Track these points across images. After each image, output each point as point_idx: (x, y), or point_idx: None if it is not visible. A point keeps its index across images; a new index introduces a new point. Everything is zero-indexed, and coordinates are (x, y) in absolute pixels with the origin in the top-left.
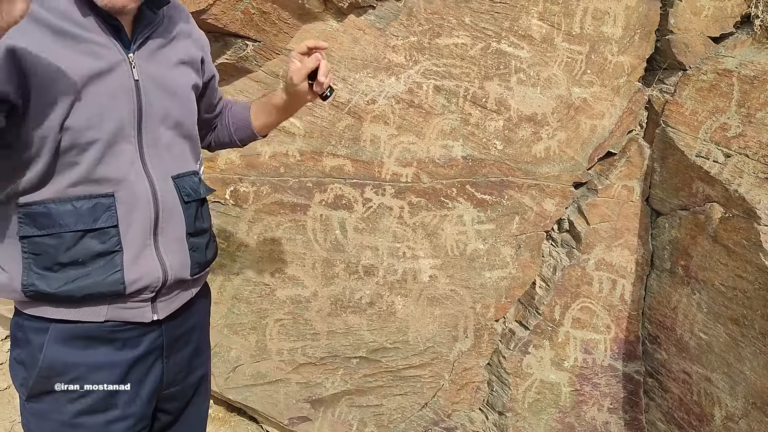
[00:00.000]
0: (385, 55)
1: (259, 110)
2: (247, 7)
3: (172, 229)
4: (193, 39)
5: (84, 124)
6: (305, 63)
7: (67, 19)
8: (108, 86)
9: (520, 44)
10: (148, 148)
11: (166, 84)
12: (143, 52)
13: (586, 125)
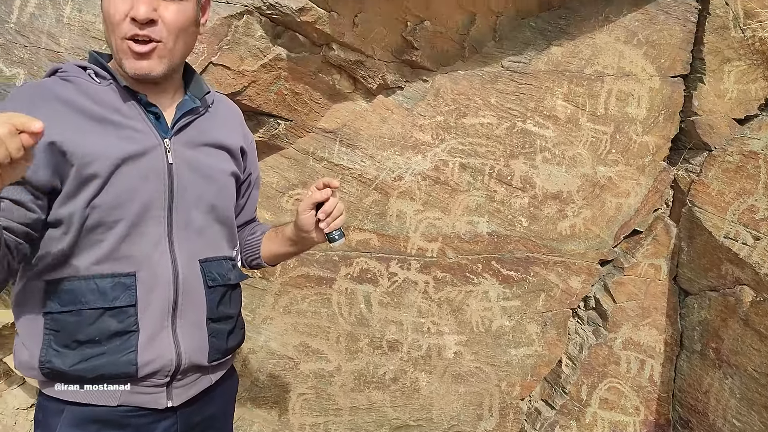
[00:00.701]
0: (412, 134)
1: (271, 236)
2: (281, 88)
3: (192, 312)
4: (236, 132)
5: (112, 203)
6: (313, 194)
7: (108, 107)
8: (140, 168)
9: (545, 124)
10: (178, 229)
11: (202, 168)
12: (181, 138)
13: (612, 203)
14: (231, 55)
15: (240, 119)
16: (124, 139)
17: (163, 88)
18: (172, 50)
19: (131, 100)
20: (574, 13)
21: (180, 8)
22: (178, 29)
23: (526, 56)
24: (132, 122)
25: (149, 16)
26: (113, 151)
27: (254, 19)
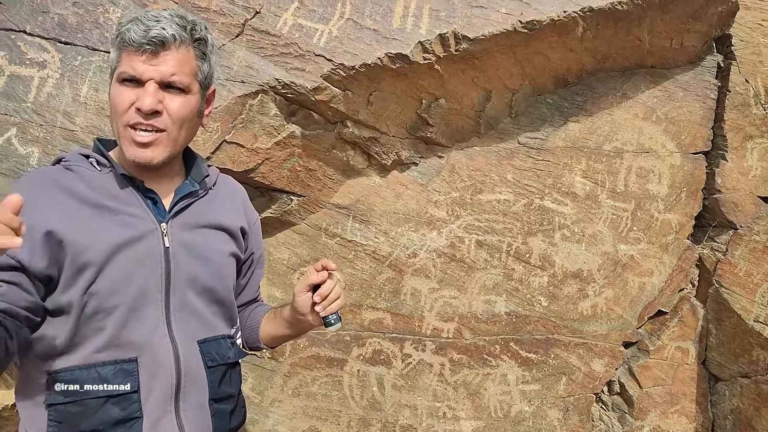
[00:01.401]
0: (427, 210)
1: (270, 318)
2: (294, 165)
3: (195, 394)
4: (237, 212)
5: (109, 289)
6: (310, 276)
7: (106, 194)
8: (136, 253)
9: (563, 201)
10: (175, 312)
11: (199, 250)
12: (178, 221)
13: (635, 283)
14: (245, 133)
15: (242, 199)
16: (120, 225)
17: (163, 174)
18: (175, 139)
19: (129, 186)
20: (591, 90)
21: (185, 101)
22: (181, 120)
23: (543, 132)
24: (128, 208)
25: (154, 108)
26: (108, 237)
27: (269, 98)
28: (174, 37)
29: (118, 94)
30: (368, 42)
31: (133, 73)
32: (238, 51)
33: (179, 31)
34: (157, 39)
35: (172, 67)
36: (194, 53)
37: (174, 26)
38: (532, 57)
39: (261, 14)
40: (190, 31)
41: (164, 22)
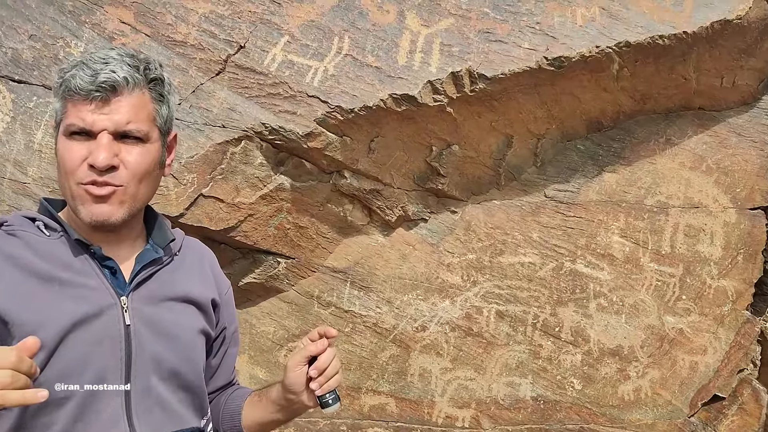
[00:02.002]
0: (439, 275)
1: (254, 401)
2: (282, 221)
3: None
4: (206, 282)
5: (59, 376)
6: (307, 347)
7: (57, 263)
8: (92, 333)
9: (599, 264)
10: (137, 402)
11: (165, 327)
12: (141, 293)
13: (685, 362)
14: (225, 186)
15: (211, 265)
16: (74, 300)
17: (121, 238)
18: (134, 195)
19: (83, 254)
20: (630, 135)
21: (144, 150)
22: (141, 174)
23: (573, 184)
24: (84, 279)
25: (110, 163)
26: (60, 315)
27: (254, 145)
28: (126, 80)
29: (67, 150)
30: (370, 81)
31: (83, 124)
32: (219, 91)
33: (131, 73)
34: (107, 84)
35: (127, 114)
36: (150, 96)
37: (125, 67)
38: (560, 98)
39: (246, 49)
40: (144, 71)
41: (113, 63)
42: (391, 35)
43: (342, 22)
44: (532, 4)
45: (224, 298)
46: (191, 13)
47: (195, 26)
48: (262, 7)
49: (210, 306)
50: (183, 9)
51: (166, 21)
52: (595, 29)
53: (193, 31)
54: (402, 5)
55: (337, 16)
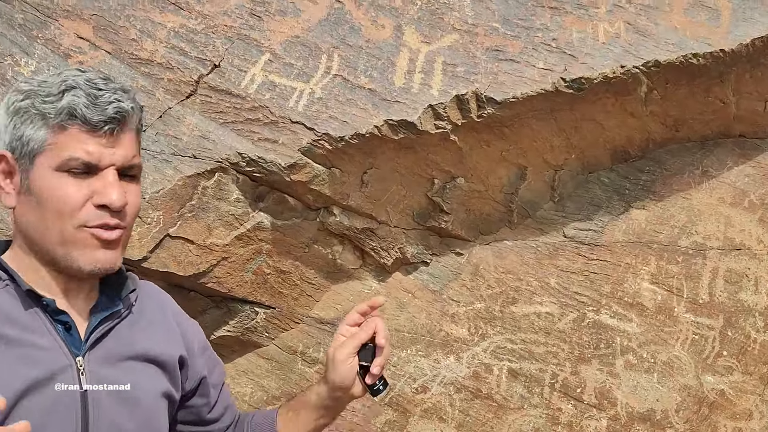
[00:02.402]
0: (442, 327)
1: (289, 418)
2: (261, 266)
3: None
4: (170, 335)
5: None
6: (356, 336)
7: (2, 318)
8: (45, 400)
9: (626, 315)
10: None
11: (124, 392)
12: (97, 353)
13: (727, 429)
14: (195, 225)
15: (175, 315)
16: (24, 362)
17: (80, 289)
18: (128, 239)
19: (34, 307)
20: (661, 166)
21: (138, 189)
22: (136, 214)
23: (597, 222)
24: (34, 337)
25: (125, 203)
26: (8, 380)
27: (229, 177)
28: (132, 111)
29: (63, 187)
30: (362, 105)
31: (88, 159)
32: (190, 116)
33: (133, 102)
34: (120, 115)
35: (131, 149)
36: (137, 127)
37: (124, 95)
38: (580, 124)
39: (221, 69)
40: (134, 99)
41: (112, 90)
42: (387, 53)
43: (331, 38)
44: (548, 19)
45: (195, 349)
46: (159, 27)
47: (163, 42)
48: (239, 21)
49: (176, 365)
50: (149, 23)
51: (129, 36)
52: (619, 47)
53: (161, 47)
54: (399, 19)
55: (325, 32)
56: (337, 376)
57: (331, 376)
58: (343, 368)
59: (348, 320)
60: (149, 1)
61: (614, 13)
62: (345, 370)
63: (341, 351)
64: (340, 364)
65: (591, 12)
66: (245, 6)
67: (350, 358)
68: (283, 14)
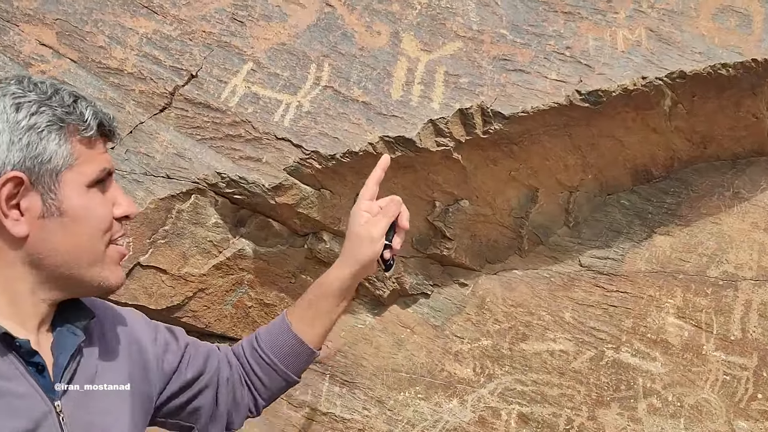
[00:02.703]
0: (444, 366)
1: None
2: (242, 298)
3: None
4: (133, 358)
5: None
6: (388, 213)
7: None
8: None
9: (650, 353)
10: None
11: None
12: (72, 396)
13: None
14: (169, 253)
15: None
16: (6, 414)
17: (49, 318)
18: None
19: (8, 353)
20: (687, 187)
21: None
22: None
23: (616, 250)
24: (11, 385)
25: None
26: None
27: (207, 200)
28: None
29: (98, 204)
30: (355, 120)
31: (109, 166)
32: (164, 132)
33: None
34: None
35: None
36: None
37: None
38: (597, 141)
39: (198, 79)
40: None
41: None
42: (383, 62)
43: (321, 45)
44: (561, 25)
45: (159, 358)
46: (130, 33)
47: (134, 50)
48: (219, 27)
49: (145, 385)
50: (119, 28)
51: (97, 43)
52: (640, 56)
53: (132, 56)
54: (397, 25)
55: (314, 39)
56: (370, 253)
57: (363, 252)
58: (378, 245)
59: (366, 194)
60: (119, 5)
61: (635, 18)
62: (379, 246)
63: (377, 228)
64: (376, 242)
65: (609, 17)
66: (226, 10)
67: (383, 235)
68: (267, 19)
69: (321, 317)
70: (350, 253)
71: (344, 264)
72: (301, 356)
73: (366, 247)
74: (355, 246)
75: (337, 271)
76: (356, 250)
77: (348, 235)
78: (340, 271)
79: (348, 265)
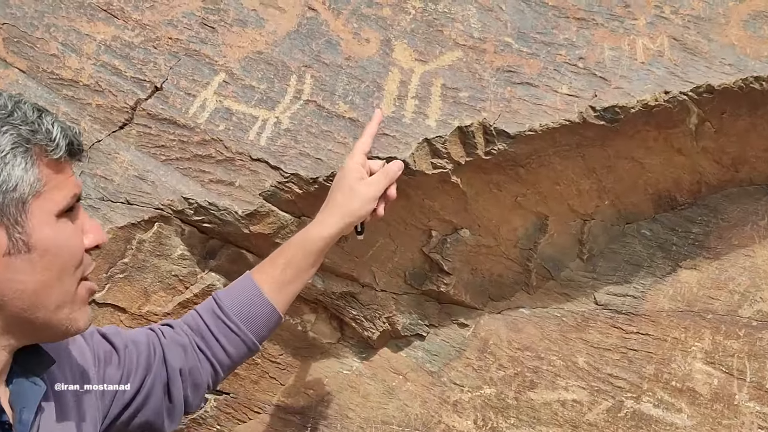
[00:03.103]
0: (441, 418)
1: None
2: None
3: None
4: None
5: None
6: (389, 175)
7: None
8: None
9: (674, 404)
10: None
11: None
12: None
13: None
14: (129, 289)
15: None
16: None
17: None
18: None
19: None
20: (716, 216)
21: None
22: None
23: (636, 286)
24: None
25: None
26: None
27: (171, 229)
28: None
29: (69, 237)
30: (340, 138)
31: (78, 191)
32: (123, 151)
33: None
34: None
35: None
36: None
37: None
38: (614, 163)
39: (163, 92)
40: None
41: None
42: (373, 74)
43: (302, 54)
44: (573, 32)
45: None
46: (86, 40)
47: (91, 59)
48: (188, 33)
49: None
50: (75, 34)
51: (49, 51)
52: (663, 68)
53: (89, 65)
54: (388, 32)
55: (295, 47)
56: (363, 213)
57: (356, 210)
58: (371, 206)
59: (362, 147)
60: (75, 8)
61: (656, 25)
62: (371, 207)
63: (375, 188)
64: (370, 203)
65: (627, 24)
66: (195, 14)
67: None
68: (242, 25)
69: (294, 281)
70: (340, 208)
71: (330, 220)
72: (270, 323)
73: (359, 205)
74: (348, 201)
75: (322, 229)
76: (348, 206)
77: (339, 187)
78: (325, 228)
79: (335, 222)
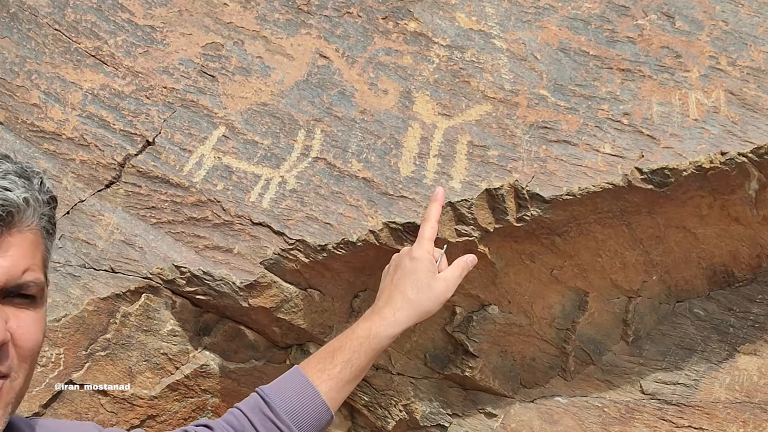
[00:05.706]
0: None
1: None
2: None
3: None
4: None
5: None
6: (465, 267)
7: None
8: None
9: None
10: None
11: None
12: None
13: None
14: (111, 369)
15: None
16: None
17: None
18: (21, 390)
19: None
20: None
21: (37, 317)
22: (35, 353)
23: (688, 373)
24: None
25: (4, 339)
26: None
27: (161, 301)
28: (27, 203)
29: None
30: (353, 201)
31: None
32: (109, 213)
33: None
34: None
35: (23, 259)
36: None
37: (16, 181)
38: (664, 233)
39: (155, 147)
40: (39, 188)
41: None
42: (390, 129)
43: (312, 106)
44: (617, 85)
45: None
46: (72, 88)
47: (77, 109)
48: (184, 82)
49: None
50: (59, 82)
51: (30, 100)
52: (718, 125)
53: (74, 116)
54: (408, 82)
55: (303, 98)
56: (434, 311)
57: (429, 307)
58: (441, 305)
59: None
60: (60, 53)
61: (711, 78)
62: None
63: (453, 287)
64: (444, 302)
65: (678, 76)
66: (193, 61)
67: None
68: (245, 73)
69: (353, 381)
70: (412, 305)
71: (402, 317)
72: (321, 424)
73: (433, 305)
74: (423, 299)
75: (391, 327)
76: (423, 305)
77: (412, 282)
78: (395, 327)
79: (406, 319)
